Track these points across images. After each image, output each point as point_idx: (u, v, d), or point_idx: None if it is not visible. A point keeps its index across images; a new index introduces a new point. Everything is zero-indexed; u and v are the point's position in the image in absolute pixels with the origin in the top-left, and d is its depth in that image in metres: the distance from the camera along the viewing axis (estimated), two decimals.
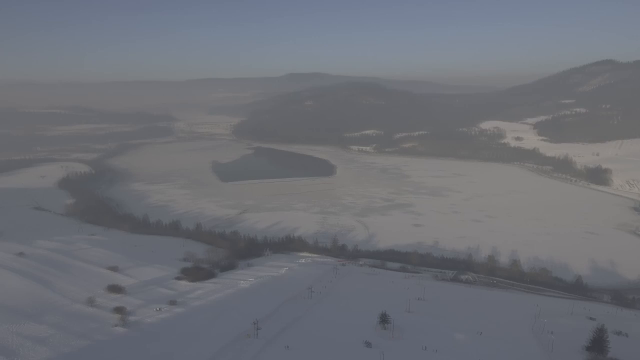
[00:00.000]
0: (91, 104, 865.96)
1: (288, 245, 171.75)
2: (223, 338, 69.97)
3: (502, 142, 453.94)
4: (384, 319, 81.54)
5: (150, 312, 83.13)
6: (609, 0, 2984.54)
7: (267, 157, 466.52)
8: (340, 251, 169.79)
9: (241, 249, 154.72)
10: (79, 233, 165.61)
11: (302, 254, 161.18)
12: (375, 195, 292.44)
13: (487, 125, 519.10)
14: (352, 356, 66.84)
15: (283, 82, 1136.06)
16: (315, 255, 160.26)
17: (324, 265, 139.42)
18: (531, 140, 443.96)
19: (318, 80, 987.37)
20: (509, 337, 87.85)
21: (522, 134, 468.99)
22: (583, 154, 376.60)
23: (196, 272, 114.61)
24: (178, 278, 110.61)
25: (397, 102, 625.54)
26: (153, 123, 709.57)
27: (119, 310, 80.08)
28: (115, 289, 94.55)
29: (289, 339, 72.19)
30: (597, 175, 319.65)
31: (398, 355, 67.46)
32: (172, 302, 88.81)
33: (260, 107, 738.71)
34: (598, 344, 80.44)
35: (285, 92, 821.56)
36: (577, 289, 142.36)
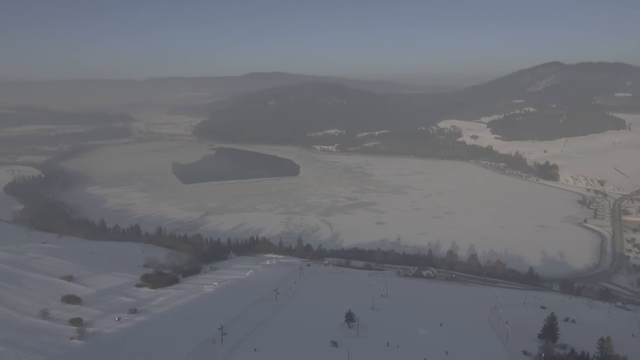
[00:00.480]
0: (42, 104, 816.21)
1: (253, 247, 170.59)
2: (187, 345, 68.74)
3: (459, 140, 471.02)
4: (349, 318, 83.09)
5: (110, 322, 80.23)
6: (553, 7, 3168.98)
7: (229, 158, 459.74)
8: (305, 251, 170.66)
9: (205, 252, 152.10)
10: (29, 241, 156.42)
11: (267, 255, 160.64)
12: (339, 194, 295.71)
13: (445, 124, 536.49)
14: (319, 356, 67.76)
15: (244, 82, 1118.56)
16: (281, 256, 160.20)
17: (289, 266, 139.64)
18: (486, 138, 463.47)
19: (280, 79, 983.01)
20: (468, 329, 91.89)
21: (477, 132, 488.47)
22: (533, 151, 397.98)
23: (158, 279, 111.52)
24: (139, 285, 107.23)
25: (359, 101, 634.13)
26: (109, 123, 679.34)
27: (75, 321, 76.65)
28: (71, 299, 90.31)
29: (255, 342, 72.06)
30: (546, 171, 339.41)
31: (363, 353, 69.07)
32: (133, 311, 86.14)
33: (222, 107, 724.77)
34: (549, 331, 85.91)
35: (247, 91, 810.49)
36: (530, 279, 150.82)
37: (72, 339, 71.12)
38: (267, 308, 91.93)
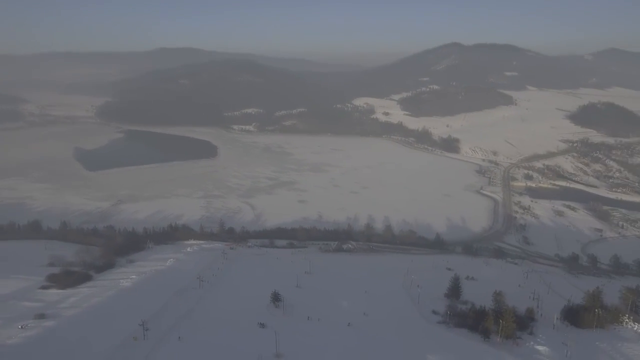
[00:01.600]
0: None
1: (172, 234, 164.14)
2: (106, 347, 65.31)
3: (373, 117, 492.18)
4: (275, 298, 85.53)
5: (13, 331, 73.06)
6: None
7: (140, 141, 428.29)
8: (228, 235, 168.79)
9: (119, 244, 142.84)
10: None
11: (188, 242, 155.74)
12: (260, 174, 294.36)
13: (359, 101, 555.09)
14: (247, 340, 69.16)
15: (153, 58, 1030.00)
16: (203, 241, 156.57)
17: (212, 252, 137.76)
18: (397, 115, 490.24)
19: (191, 56, 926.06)
20: (385, 295, 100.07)
21: (389, 109, 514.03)
22: (438, 126, 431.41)
23: (67, 278, 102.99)
24: (45, 287, 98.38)
25: (275, 80, 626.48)
26: None
27: None
28: None
29: (181, 333, 71.18)
30: (449, 145, 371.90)
31: (290, 331, 72.08)
32: (40, 316, 79.29)
33: (129, 86, 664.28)
34: (454, 290, 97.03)
35: (155, 68, 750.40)
36: (437, 244, 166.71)
37: None
38: (191, 297, 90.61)
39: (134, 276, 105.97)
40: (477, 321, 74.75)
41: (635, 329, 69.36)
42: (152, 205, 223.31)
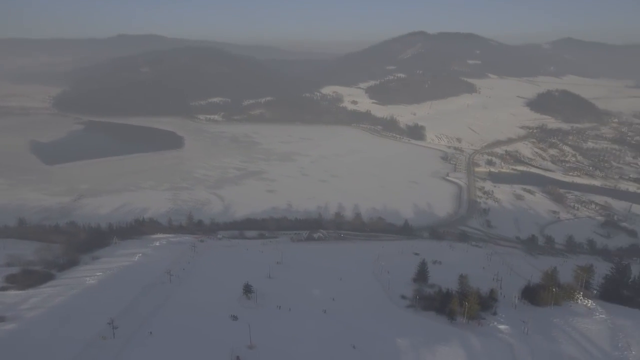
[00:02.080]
0: None
1: (139, 229, 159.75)
2: (73, 348, 63.35)
3: (341, 105, 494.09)
4: (247, 290, 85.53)
5: None
6: None
7: (102, 133, 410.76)
8: (197, 227, 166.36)
9: (83, 241, 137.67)
10: None
11: (155, 236, 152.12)
12: (228, 165, 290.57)
13: (327, 90, 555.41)
14: (219, 333, 69.14)
15: (112, 45, 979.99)
16: (171, 235, 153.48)
17: (181, 245, 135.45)
18: (365, 103, 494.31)
19: (153, 43, 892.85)
20: (356, 282, 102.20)
21: (357, 97, 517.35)
22: (404, 114, 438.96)
23: (27, 278, 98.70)
24: (3, 288, 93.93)
25: (242, 68, 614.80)
26: None
27: None
28: None
29: (152, 329, 70.22)
30: (415, 132, 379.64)
31: (263, 322, 72.66)
32: (0, 319, 76.10)
33: (87, 75, 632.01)
34: (421, 275, 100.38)
35: (116, 56, 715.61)
36: (405, 230, 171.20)
37: None
38: (160, 292, 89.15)
39: (99, 273, 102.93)
40: (443, 304, 77.92)
41: (586, 304, 74.46)
42: (116, 199, 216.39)
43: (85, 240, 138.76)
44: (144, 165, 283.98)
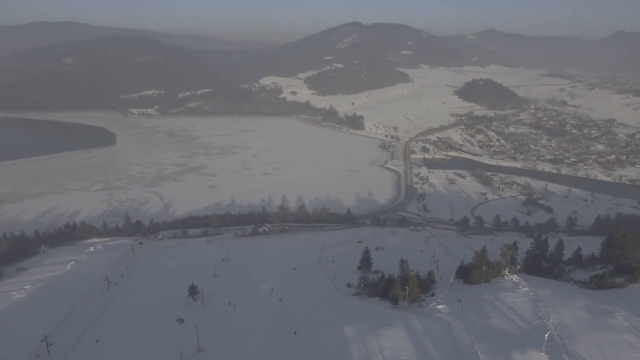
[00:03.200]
0: None
1: (70, 234, 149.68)
2: None
3: (281, 96, 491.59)
4: (193, 291, 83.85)
5: None
6: None
7: (20, 130, 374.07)
8: (135, 229, 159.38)
9: (5, 251, 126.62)
10: None
11: (90, 241, 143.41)
12: (166, 161, 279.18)
13: (266, 81, 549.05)
14: (166, 338, 67.46)
15: (27, 33, 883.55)
16: (107, 239, 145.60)
17: (119, 249, 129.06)
18: (304, 94, 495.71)
19: (75, 31, 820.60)
20: (302, 274, 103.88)
21: (296, 88, 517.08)
22: (343, 104, 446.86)
23: None
24: None
25: (176, 58, 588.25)
26: None
27: None
28: None
29: (92, 341, 66.98)
30: (354, 122, 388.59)
31: (210, 323, 71.93)
32: None
33: (1, 66, 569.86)
34: (365, 262, 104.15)
35: (32, 46, 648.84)
36: (348, 219, 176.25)
37: None
38: (99, 301, 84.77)
39: (27, 286, 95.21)
40: (386, 289, 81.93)
41: (512, 279, 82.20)
42: (41, 204, 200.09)
43: (9, 251, 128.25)
44: (71, 165, 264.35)
